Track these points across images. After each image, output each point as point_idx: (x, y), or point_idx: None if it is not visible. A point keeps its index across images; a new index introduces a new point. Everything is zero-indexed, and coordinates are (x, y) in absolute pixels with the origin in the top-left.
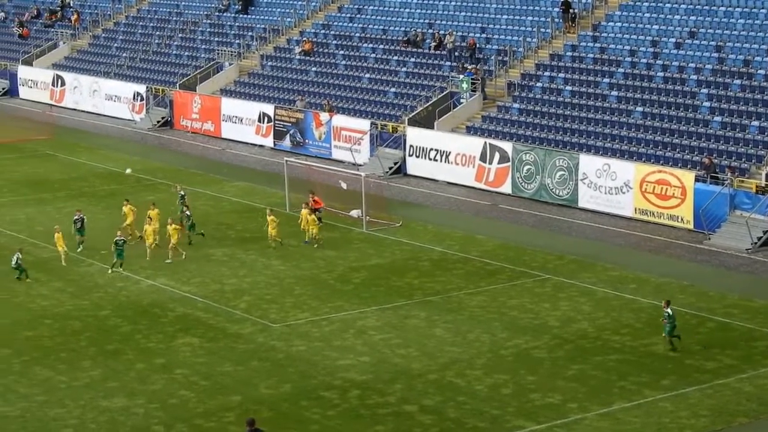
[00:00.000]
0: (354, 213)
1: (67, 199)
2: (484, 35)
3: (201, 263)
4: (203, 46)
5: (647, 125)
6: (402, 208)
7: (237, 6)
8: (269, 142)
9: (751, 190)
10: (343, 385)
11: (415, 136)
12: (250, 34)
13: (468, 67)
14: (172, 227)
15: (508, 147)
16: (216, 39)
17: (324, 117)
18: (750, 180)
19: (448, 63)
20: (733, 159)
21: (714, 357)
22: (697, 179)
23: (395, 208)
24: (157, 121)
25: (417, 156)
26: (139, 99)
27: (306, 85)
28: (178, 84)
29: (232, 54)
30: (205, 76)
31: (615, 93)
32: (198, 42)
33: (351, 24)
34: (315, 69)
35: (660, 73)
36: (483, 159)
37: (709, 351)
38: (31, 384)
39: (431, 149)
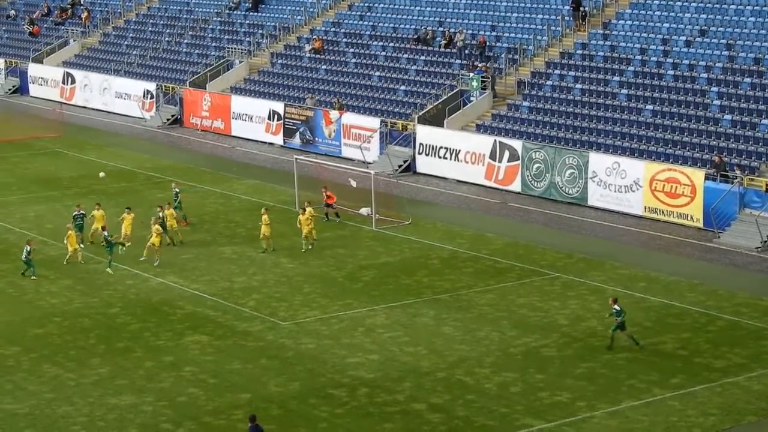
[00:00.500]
0: (363, 211)
1: (77, 197)
2: (494, 33)
3: (210, 261)
4: (213, 44)
5: (657, 123)
6: (411, 206)
7: (247, 4)
8: (279, 140)
9: (761, 188)
10: (352, 383)
11: (425, 134)
12: (260, 32)
13: (478, 66)
14: (155, 227)
15: (517, 145)
16: (226, 37)
17: (334, 115)
18: (760, 178)
19: (458, 61)
20: (743, 157)
21: (723, 355)
22: (707, 177)
23: (405, 206)
24: (167, 119)
25: (427, 154)
26: (149, 97)
27: (316, 83)
28: (188, 82)
29: (242, 52)
30: (215, 73)
31: (625, 91)
32: (208, 40)
33: (361, 22)
34: (325, 67)
35: (670, 72)
36: (493, 157)
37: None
38: (40, 381)
39: (441, 147)
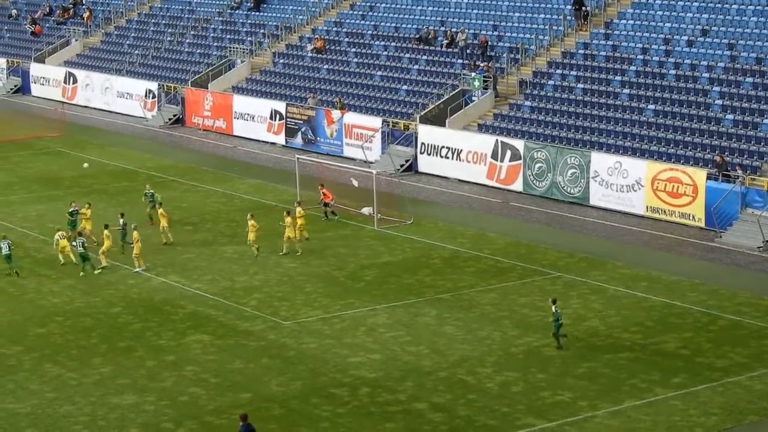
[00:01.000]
0: (365, 210)
1: (78, 197)
2: (496, 33)
3: (212, 260)
4: (215, 43)
5: (659, 123)
6: (413, 205)
7: (249, 3)
8: (281, 139)
9: (763, 188)
10: (354, 383)
11: (427, 133)
12: (262, 31)
13: (480, 65)
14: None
15: (519, 145)
16: (228, 36)
17: (336, 114)
18: (762, 178)
19: (460, 61)
20: (745, 157)
21: (725, 355)
22: (709, 177)
23: (406, 205)
24: (169, 119)
25: (428, 153)
26: (151, 96)
27: (318, 83)
28: (189, 81)
29: (244, 51)
30: (217, 73)
31: (627, 91)
32: (210, 39)
33: (363, 22)
34: (327, 66)
35: (672, 71)
36: (494, 157)
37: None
38: (42, 381)
39: (443, 147)
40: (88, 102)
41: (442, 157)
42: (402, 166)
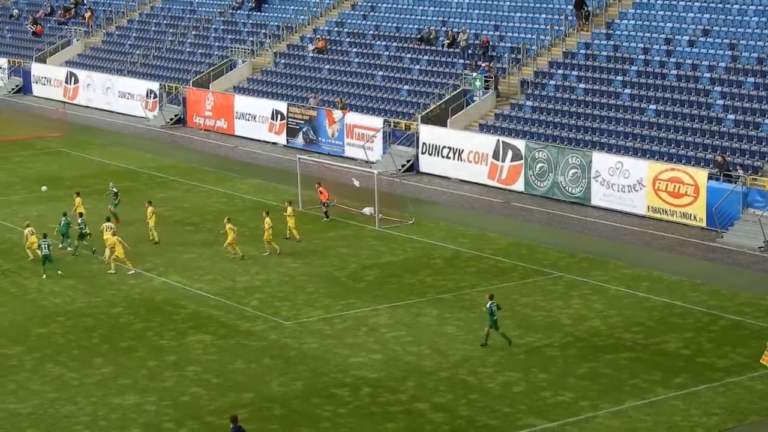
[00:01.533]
0: (367, 210)
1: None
2: (497, 33)
3: (213, 260)
4: (216, 43)
5: (660, 123)
6: (414, 205)
7: (250, 3)
8: (282, 139)
9: (764, 188)
10: (355, 383)
11: (428, 133)
12: (263, 31)
13: (481, 65)
14: (109, 234)
15: (520, 145)
16: (229, 36)
17: (337, 114)
18: (763, 178)
19: (461, 61)
20: (746, 157)
21: (726, 355)
22: (710, 177)
23: (408, 205)
24: (170, 119)
25: (430, 154)
26: (153, 96)
27: (319, 83)
28: (191, 81)
29: (245, 51)
30: (219, 73)
31: (628, 91)
32: (211, 39)
33: (364, 22)
34: (328, 67)
35: (673, 71)
36: (496, 157)
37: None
38: (43, 381)
39: (444, 147)
40: (89, 102)
41: (443, 157)
42: (403, 166)
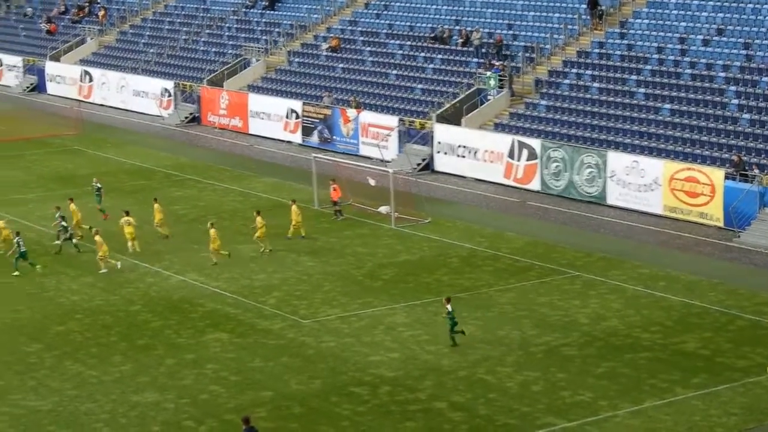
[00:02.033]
0: (383, 209)
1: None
2: (511, 32)
3: (230, 259)
4: (230, 42)
5: (675, 122)
6: (430, 204)
7: (264, 2)
8: (297, 138)
9: None
10: (374, 381)
11: (443, 132)
12: (277, 30)
13: (495, 64)
14: (130, 228)
15: (536, 144)
16: (243, 35)
17: (351, 113)
18: None
19: (475, 60)
20: (763, 156)
21: (745, 355)
22: (727, 177)
23: (423, 204)
24: (185, 117)
25: (445, 153)
26: (167, 95)
27: (333, 82)
28: (205, 80)
29: (259, 50)
30: (233, 72)
31: (642, 90)
32: (225, 38)
33: (378, 20)
34: (342, 65)
35: (688, 71)
36: (511, 156)
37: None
38: (63, 378)
39: (459, 146)
40: (104, 100)
41: (458, 156)
42: (419, 165)
